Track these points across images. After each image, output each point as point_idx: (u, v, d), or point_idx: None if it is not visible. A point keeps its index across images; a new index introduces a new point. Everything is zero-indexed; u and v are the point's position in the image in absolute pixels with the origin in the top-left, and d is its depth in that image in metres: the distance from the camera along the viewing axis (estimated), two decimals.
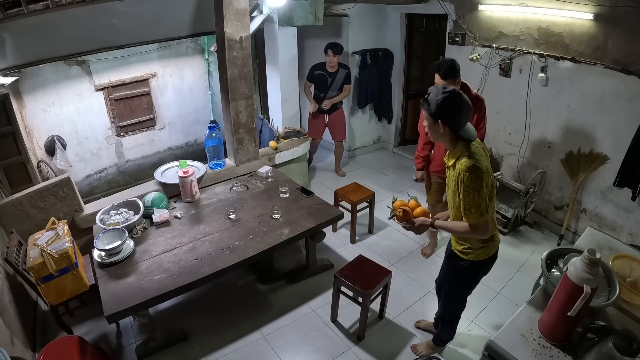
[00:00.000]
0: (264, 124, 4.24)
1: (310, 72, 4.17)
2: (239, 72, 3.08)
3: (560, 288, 1.41)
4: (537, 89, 3.41)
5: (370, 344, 2.47)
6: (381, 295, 2.56)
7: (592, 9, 2.82)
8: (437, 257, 3.26)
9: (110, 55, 4.20)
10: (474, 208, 1.64)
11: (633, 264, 1.77)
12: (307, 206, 2.88)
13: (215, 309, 2.72)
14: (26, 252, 2.26)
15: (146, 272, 2.23)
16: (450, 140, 1.71)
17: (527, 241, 3.50)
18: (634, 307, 1.61)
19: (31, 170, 3.50)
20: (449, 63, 2.47)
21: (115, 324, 2.59)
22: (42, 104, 4.12)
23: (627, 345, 1.26)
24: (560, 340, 1.46)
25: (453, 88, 1.63)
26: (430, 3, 4.08)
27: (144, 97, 4.89)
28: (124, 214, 2.65)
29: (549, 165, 3.53)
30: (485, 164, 1.67)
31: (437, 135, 1.71)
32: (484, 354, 1.52)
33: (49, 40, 2.86)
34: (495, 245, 1.94)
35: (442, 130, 1.67)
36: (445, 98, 1.61)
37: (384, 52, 4.83)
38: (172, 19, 3.28)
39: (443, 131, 1.67)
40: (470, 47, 3.87)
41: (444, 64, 2.47)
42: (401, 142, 5.43)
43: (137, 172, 5.08)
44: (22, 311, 2.37)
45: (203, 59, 5.27)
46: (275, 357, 2.39)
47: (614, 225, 3.15)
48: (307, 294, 2.86)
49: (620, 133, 2.90)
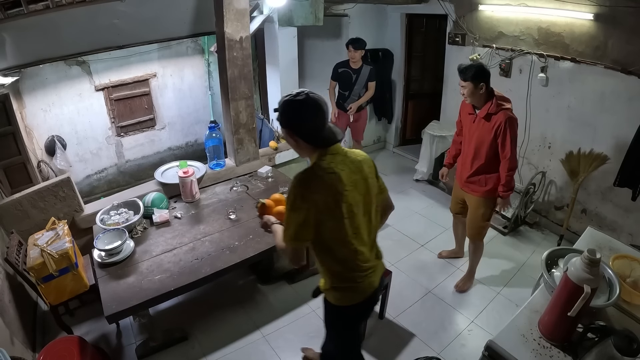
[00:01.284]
0: (264, 124, 4.24)
1: (334, 70, 4.02)
2: (239, 72, 3.08)
3: (560, 288, 1.41)
4: (537, 89, 3.41)
5: (370, 344, 2.46)
6: (381, 295, 2.56)
7: (592, 9, 2.82)
8: (446, 262, 3.26)
9: (110, 55, 4.21)
10: (285, 226, 1.38)
11: (633, 264, 1.76)
12: None
13: (215, 309, 2.71)
14: (26, 252, 2.26)
15: (146, 272, 2.23)
16: (309, 152, 1.40)
17: (527, 241, 3.50)
18: (634, 307, 1.61)
19: (31, 171, 3.51)
20: (468, 66, 2.32)
21: (115, 324, 2.59)
22: (42, 104, 4.12)
23: (627, 345, 1.26)
24: (560, 340, 1.46)
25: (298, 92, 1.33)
26: (430, 3, 4.08)
27: (144, 97, 4.90)
28: (124, 214, 2.65)
29: (549, 165, 3.53)
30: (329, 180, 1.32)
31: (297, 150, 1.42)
32: (484, 354, 1.52)
33: (49, 40, 2.86)
34: (358, 292, 1.52)
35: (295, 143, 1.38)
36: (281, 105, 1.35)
37: (384, 52, 4.83)
38: (172, 19, 3.29)
39: (297, 143, 1.38)
40: (470, 47, 3.87)
41: (463, 68, 2.33)
42: (401, 142, 5.43)
43: (137, 172, 5.09)
44: (22, 311, 2.37)
45: (203, 59, 5.28)
46: (275, 357, 2.39)
47: (614, 225, 3.15)
48: (307, 294, 2.84)
49: (620, 133, 2.90)
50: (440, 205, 4.05)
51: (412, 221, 3.79)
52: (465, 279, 2.91)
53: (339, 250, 1.44)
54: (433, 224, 3.74)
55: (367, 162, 1.50)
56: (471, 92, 2.34)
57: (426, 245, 3.43)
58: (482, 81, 2.30)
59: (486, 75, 2.31)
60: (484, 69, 2.31)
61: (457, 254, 3.20)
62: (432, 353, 2.38)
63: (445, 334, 2.53)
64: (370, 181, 1.47)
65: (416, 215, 3.88)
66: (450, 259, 3.22)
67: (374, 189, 1.50)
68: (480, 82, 2.30)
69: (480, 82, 2.30)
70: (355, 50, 3.83)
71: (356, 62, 3.90)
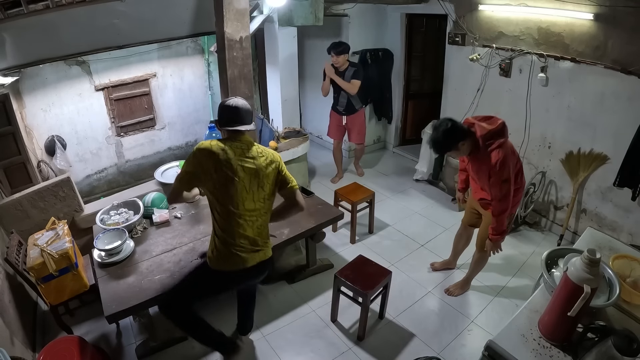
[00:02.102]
0: (264, 124, 4.24)
1: (324, 73, 4.08)
2: (239, 72, 3.08)
3: (560, 288, 1.41)
4: (537, 89, 3.41)
5: (370, 344, 2.47)
6: (381, 295, 2.56)
7: (592, 9, 2.82)
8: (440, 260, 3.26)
9: (110, 55, 4.20)
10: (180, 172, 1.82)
11: (633, 264, 1.76)
12: (307, 206, 2.87)
13: (215, 308, 2.71)
14: (26, 252, 2.26)
15: (146, 272, 2.23)
16: (225, 136, 1.87)
17: (527, 241, 3.50)
18: (634, 307, 1.61)
19: (31, 170, 3.51)
20: (436, 141, 2.21)
21: (115, 324, 2.59)
22: (42, 104, 4.12)
23: (627, 345, 1.26)
24: (560, 340, 1.46)
25: (229, 98, 1.84)
26: (430, 3, 4.08)
27: (144, 97, 4.89)
28: (124, 214, 2.65)
29: (549, 165, 3.53)
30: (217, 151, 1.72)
31: (222, 134, 1.90)
32: (484, 354, 1.52)
33: (49, 40, 2.86)
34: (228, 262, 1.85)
35: (219, 128, 1.86)
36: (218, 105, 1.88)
37: (384, 52, 4.83)
38: (172, 19, 3.29)
39: (221, 128, 1.86)
40: (470, 47, 3.87)
41: (437, 147, 2.25)
42: (401, 142, 5.43)
43: (137, 172, 5.08)
44: (22, 311, 2.37)
45: (203, 59, 5.27)
46: (275, 357, 2.39)
47: (614, 225, 3.15)
48: (307, 294, 2.86)
49: (620, 133, 2.90)
50: (440, 205, 4.06)
51: (412, 221, 3.79)
52: (459, 286, 2.86)
53: (223, 215, 1.80)
54: (433, 224, 3.74)
55: (272, 159, 1.86)
56: (457, 153, 2.29)
57: (426, 245, 3.43)
58: (458, 142, 2.18)
59: (458, 136, 2.17)
60: (453, 132, 2.16)
61: (449, 264, 3.10)
62: (432, 353, 2.38)
63: (445, 334, 2.53)
64: (262, 172, 1.81)
65: (416, 215, 3.88)
66: (443, 270, 3.12)
67: (266, 180, 1.84)
68: (458, 143, 2.19)
69: (457, 144, 2.19)
70: (337, 56, 3.85)
71: (341, 65, 3.94)
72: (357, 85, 3.95)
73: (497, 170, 2.13)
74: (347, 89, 4.00)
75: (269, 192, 1.88)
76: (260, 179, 1.82)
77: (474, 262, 2.75)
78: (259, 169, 1.81)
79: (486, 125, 2.19)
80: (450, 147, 2.22)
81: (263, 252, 1.94)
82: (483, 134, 2.17)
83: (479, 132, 2.19)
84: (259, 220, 1.87)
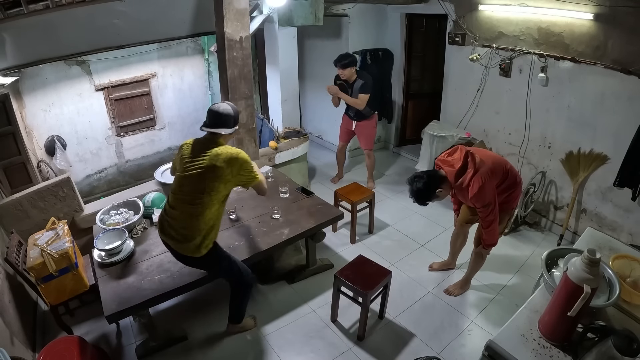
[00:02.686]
0: (264, 124, 4.24)
1: (334, 81, 3.97)
2: (239, 72, 3.08)
3: (560, 288, 1.41)
4: (537, 89, 3.41)
5: (370, 344, 2.47)
6: (381, 295, 2.56)
7: (592, 9, 2.82)
8: (441, 260, 3.26)
9: (110, 55, 4.20)
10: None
11: (633, 264, 1.76)
12: (307, 206, 2.88)
13: (215, 309, 2.71)
14: (26, 252, 2.26)
15: (146, 272, 2.23)
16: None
17: (527, 241, 3.50)
18: (634, 307, 1.61)
19: (31, 170, 3.51)
20: (415, 193, 2.32)
21: (115, 324, 2.59)
22: (42, 104, 4.12)
23: (627, 345, 1.26)
24: (560, 340, 1.46)
25: (215, 102, 2.12)
26: (430, 3, 4.08)
27: (144, 97, 4.90)
28: (124, 214, 2.65)
29: (549, 165, 3.53)
30: (182, 146, 2.11)
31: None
32: (484, 354, 1.52)
33: (49, 40, 2.86)
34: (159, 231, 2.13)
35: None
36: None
37: (384, 52, 4.83)
38: (172, 19, 3.29)
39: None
40: (470, 47, 3.87)
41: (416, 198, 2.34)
42: (401, 142, 5.43)
43: (137, 172, 5.09)
44: (22, 311, 2.37)
45: (203, 59, 5.28)
46: (275, 357, 2.39)
47: (614, 225, 3.15)
48: (307, 294, 2.86)
49: (620, 133, 2.90)
50: (440, 205, 4.04)
51: (412, 221, 3.79)
52: (458, 286, 2.87)
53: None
54: (433, 224, 3.74)
55: (212, 163, 1.93)
56: (440, 198, 2.37)
57: (426, 245, 3.43)
58: (435, 191, 2.29)
59: (432, 187, 2.28)
60: (427, 186, 2.27)
61: (449, 265, 3.11)
62: (432, 353, 2.38)
63: (445, 334, 2.53)
64: (199, 170, 1.94)
65: (416, 215, 3.88)
66: (443, 270, 3.12)
67: (201, 177, 1.94)
68: (435, 192, 2.30)
69: (434, 193, 2.30)
70: (342, 69, 3.73)
71: (348, 78, 3.79)
72: (364, 100, 3.77)
73: (476, 201, 2.26)
74: (354, 105, 3.85)
75: (201, 188, 1.95)
76: (195, 173, 1.95)
77: (472, 261, 2.76)
78: (201, 166, 1.94)
79: (448, 168, 2.31)
80: (429, 198, 2.33)
81: (181, 245, 2.03)
82: (451, 177, 2.29)
83: (448, 176, 2.30)
84: (184, 213, 1.99)
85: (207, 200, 1.96)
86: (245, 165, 1.99)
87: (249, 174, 2.03)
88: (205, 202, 1.96)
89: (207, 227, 2.00)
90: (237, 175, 1.98)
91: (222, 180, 1.95)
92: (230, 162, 1.95)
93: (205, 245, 2.02)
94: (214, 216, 2.01)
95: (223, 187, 1.97)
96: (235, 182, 2.01)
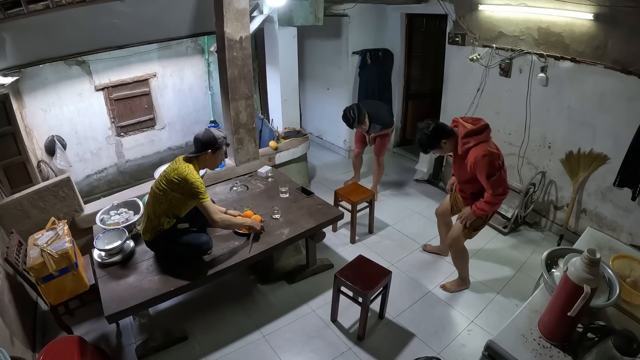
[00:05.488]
0: (264, 124, 4.24)
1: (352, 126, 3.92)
2: (239, 72, 3.08)
3: (560, 288, 1.41)
4: (537, 89, 3.41)
5: (370, 344, 2.47)
6: (381, 295, 2.56)
7: (592, 9, 2.82)
8: (446, 262, 3.26)
9: (110, 55, 4.21)
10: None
11: (633, 264, 1.76)
12: (307, 206, 2.88)
13: (215, 309, 2.71)
14: (26, 252, 2.26)
15: (146, 272, 2.24)
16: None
17: (527, 241, 3.50)
18: (634, 307, 1.61)
19: (31, 170, 3.50)
20: (422, 139, 2.40)
21: (115, 324, 2.59)
22: (42, 104, 4.12)
23: (627, 345, 1.26)
24: (560, 340, 1.46)
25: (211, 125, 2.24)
26: (430, 3, 4.08)
27: (144, 97, 4.90)
28: (124, 214, 2.65)
29: (549, 165, 3.53)
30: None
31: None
32: (484, 354, 1.52)
33: (49, 40, 2.86)
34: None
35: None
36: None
37: (384, 52, 4.83)
38: (172, 19, 3.29)
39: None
40: (470, 47, 3.87)
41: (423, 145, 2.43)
42: (401, 142, 5.43)
43: (137, 172, 5.09)
44: (22, 311, 2.37)
45: (203, 59, 5.28)
46: (275, 357, 2.39)
47: (614, 225, 3.15)
48: (307, 294, 2.86)
49: (620, 133, 2.90)
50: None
51: (412, 221, 3.79)
52: (454, 284, 2.89)
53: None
54: (433, 224, 3.70)
55: (167, 175, 2.18)
56: (441, 151, 2.47)
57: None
58: (440, 141, 2.36)
59: (440, 135, 2.35)
60: (435, 132, 2.34)
61: (441, 251, 3.23)
62: (432, 353, 2.38)
63: (445, 334, 2.53)
64: (156, 183, 2.25)
65: (416, 215, 3.88)
66: (439, 255, 3.25)
67: (155, 189, 2.23)
68: (440, 142, 2.36)
69: (440, 142, 2.36)
70: (357, 127, 3.77)
71: (365, 128, 3.81)
72: (389, 132, 3.97)
73: (477, 168, 2.25)
74: (381, 133, 3.93)
75: (156, 194, 2.22)
76: (156, 186, 2.23)
77: (454, 260, 2.81)
78: (160, 179, 2.22)
79: (468, 125, 2.32)
80: (433, 146, 2.40)
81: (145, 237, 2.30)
82: (462, 132, 2.32)
83: (461, 131, 2.33)
84: (148, 210, 2.27)
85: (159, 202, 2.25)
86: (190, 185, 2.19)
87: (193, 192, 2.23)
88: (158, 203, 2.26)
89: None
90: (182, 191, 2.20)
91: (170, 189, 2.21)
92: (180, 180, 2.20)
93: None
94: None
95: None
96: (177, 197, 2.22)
